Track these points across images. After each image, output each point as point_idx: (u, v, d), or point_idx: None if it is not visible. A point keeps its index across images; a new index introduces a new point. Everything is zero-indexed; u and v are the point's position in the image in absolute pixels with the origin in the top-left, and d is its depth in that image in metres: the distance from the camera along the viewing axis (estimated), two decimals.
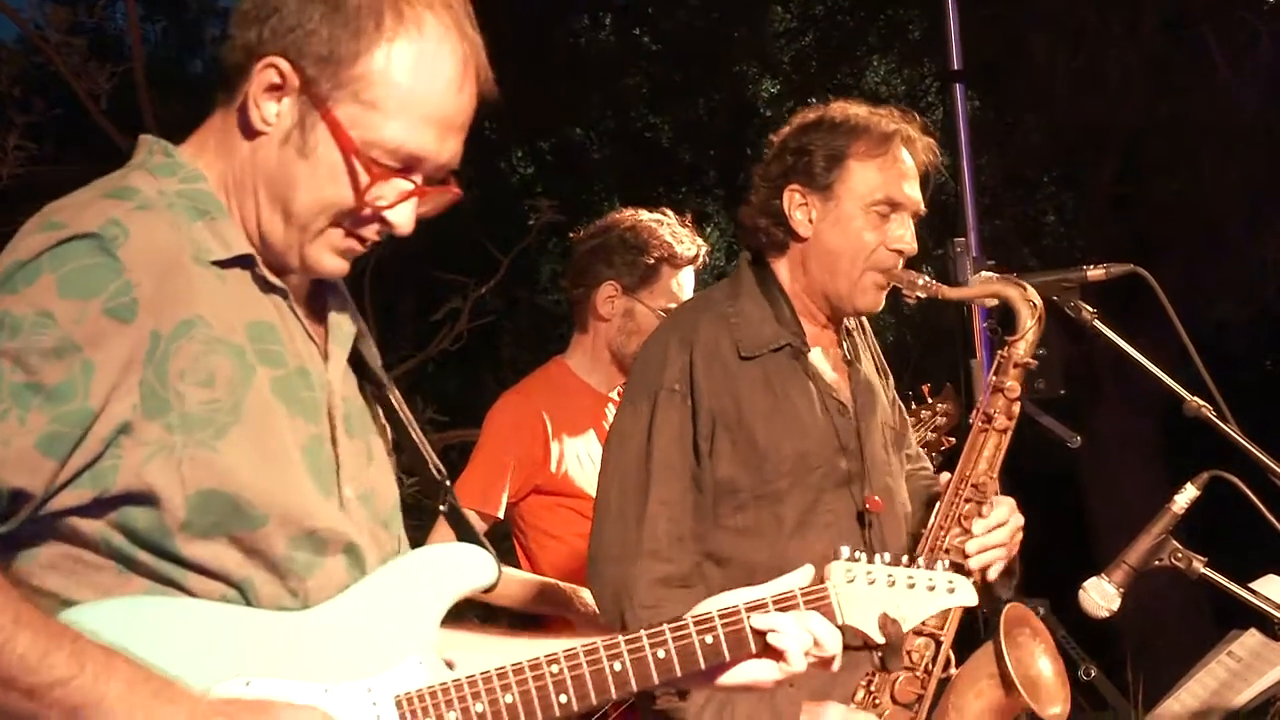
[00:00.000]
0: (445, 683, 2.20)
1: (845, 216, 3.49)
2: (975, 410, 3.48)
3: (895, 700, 3.32)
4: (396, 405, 2.37)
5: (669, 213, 4.60)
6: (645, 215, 4.55)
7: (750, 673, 2.38)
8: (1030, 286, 3.43)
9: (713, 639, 2.33)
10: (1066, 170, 12.51)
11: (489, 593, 2.35)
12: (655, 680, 2.30)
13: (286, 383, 2.19)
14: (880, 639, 2.42)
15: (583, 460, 4.44)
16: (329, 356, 2.28)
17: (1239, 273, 11.04)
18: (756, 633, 2.35)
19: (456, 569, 2.30)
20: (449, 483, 2.40)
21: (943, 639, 3.37)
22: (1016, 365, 3.43)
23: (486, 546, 2.32)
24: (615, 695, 2.30)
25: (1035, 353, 3.44)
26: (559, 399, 4.47)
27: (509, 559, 4.50)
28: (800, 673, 2.38)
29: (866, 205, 3.48)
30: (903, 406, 3.85)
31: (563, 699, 2.24)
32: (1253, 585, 2.97)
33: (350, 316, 2.34)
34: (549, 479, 4.40)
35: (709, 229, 12.68)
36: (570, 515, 4.41)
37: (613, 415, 4.48)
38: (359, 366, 2.35)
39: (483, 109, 2.21)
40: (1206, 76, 10.16)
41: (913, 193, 3.52)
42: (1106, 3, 10.51)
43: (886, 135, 3.51)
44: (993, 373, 3.46)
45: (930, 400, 4.41)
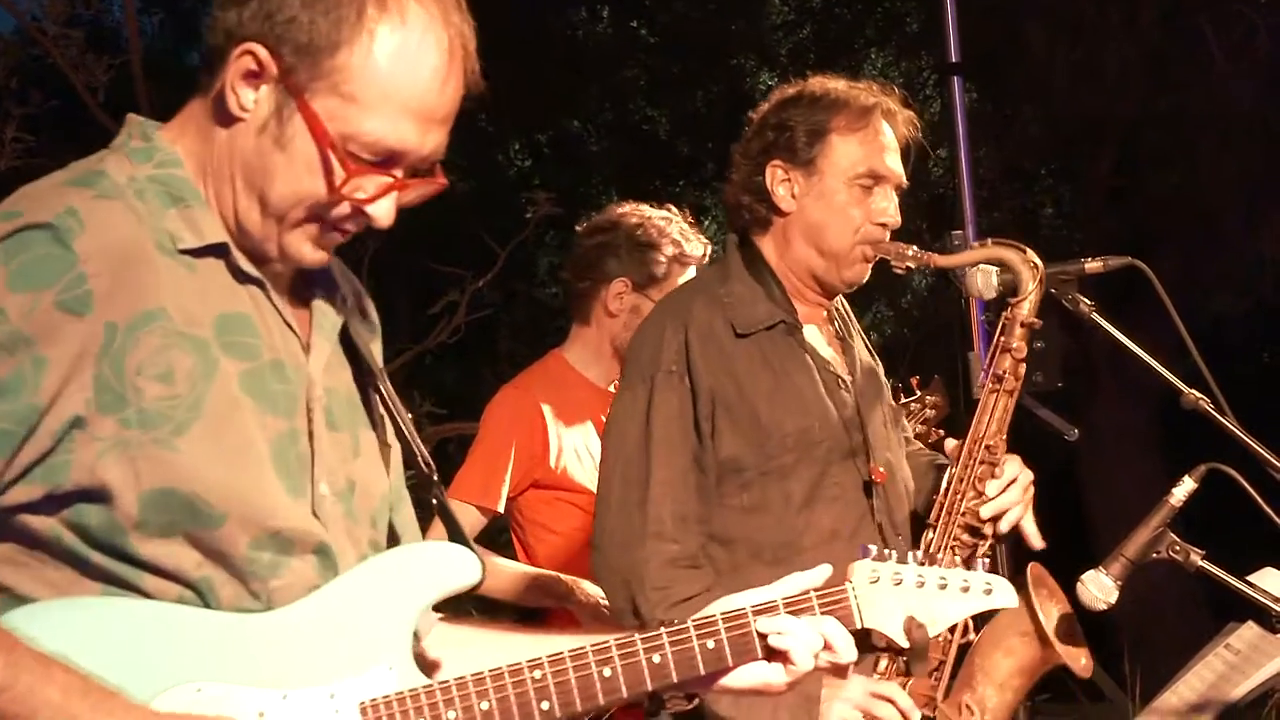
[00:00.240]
0: (416, 689, 2.11)
1: (828, 191, 3.50)
2: (983, 373, 3.49)
3: None
4: (386, 396, 2.28)
5: (673, 209, 4.60)
6: (653, 212, 4.55)
7: (757, 676, 2.29)
8: (1029, 249, 3.45)
9: (715, 643, 2.24)
10: (1064, 163, 12.50)
11: (477, 590, 2.25)
12: (649, 686, 2.21)
13: (258, 376, 2.11)
14: (904, 643, 2.32)
15: (581, 454, 4.43)
16: (311, 348, 2.19)
17: (1236, 265, 11.04)
18: (762, 636, 2.26)
19: (436, 569, 2.19)
20: (437, 477, 2.31)
21: None
22: (1022, 325, 3.45)
23: (471, 545, 2.22)
24: (603, 702, 2.19)
25: (1039, 313, 3.45)
26: (557, 393, 4.47)
27: (507, 553, 4.50)
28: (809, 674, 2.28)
29: (849, 179, 3.49)
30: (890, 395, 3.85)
31: (544, 706, 2.14)
32: (1250, 578, 2.96)
33: (338, 305, 2.26)
34: (548, 473, 4.39)
35: (706, 221, 12.65)
36: (569, 509, 4.41)
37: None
38: (353, 356, 2.27)
39: (479, 101, 2.14)
40: (1204, 70, 10.14)
41: (895, 165, 3.53)
42: None
43: (867, 108, 3.52)
44: (999, 334, 3.48)
45: (919, 393, 4.42)
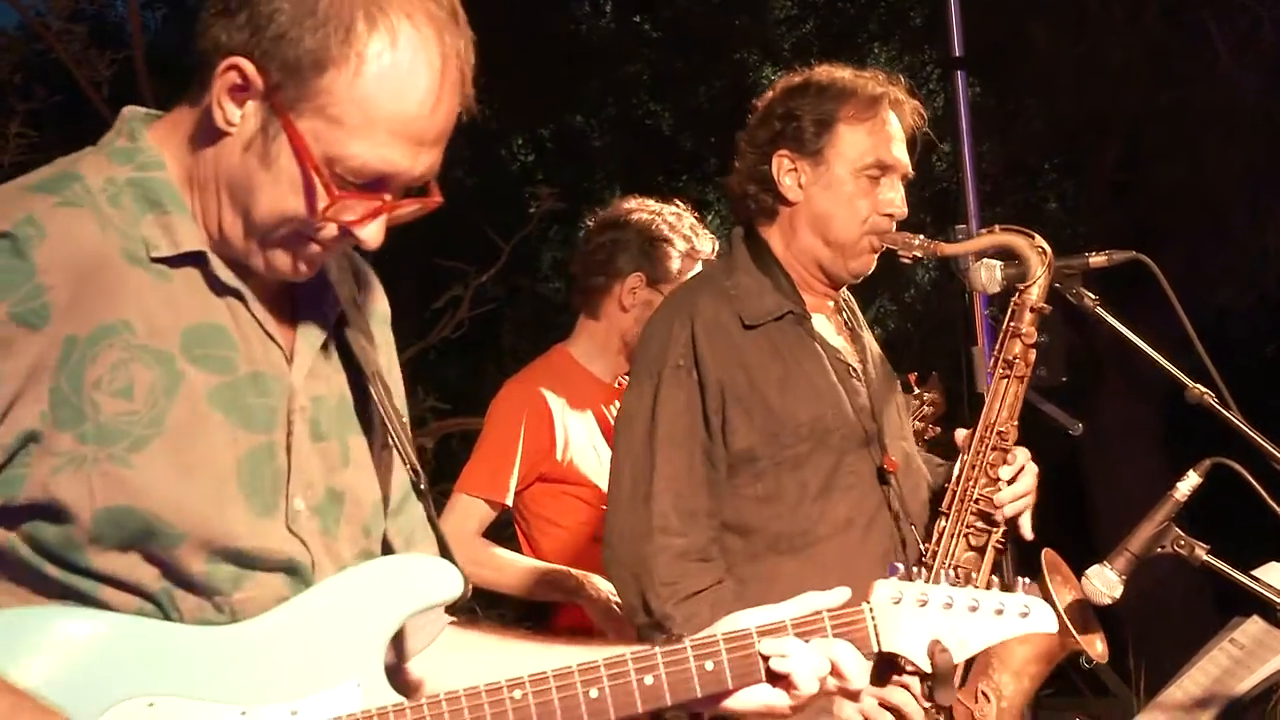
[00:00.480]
0: (385, 708, 2.03)
1: (836, 181, 3.50)
2: (993, 358, 3.48)
3: None
4: (378, 401, 2.19)
5: (681, 205, 4.61)
6: (664, 208, 4.56)
7: (760, 699, 2.19)
8: (1036, 235, 3.45)
9: (714, 665, 2.14)
10: (1068, 157, 12.48)
11: (459, 603, 2.17)
12: (639, 709, 2.11)
13: (232, 390, 2.05)
14: (927, 667, 2.21)
15: (586, 448, 4.44)
16: (294, 357, 2.13)
17: (1240, 259, 11.02)
18: (765, 658, 2.16)
19: (414, 583, 2.10)
20: (425, 487, 2.23)
21: None
22: (1032, 310, 3.45)
23: (453, 558, 2.16)
24: None
25: (1054, 285, 3.45)
26: (563, 387, 4.47)
27: (512, 547, 4.50)
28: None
29: (857, 169, 3.49)
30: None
31: None
32: (1255, 572, 2.96)
33: (329, 308, 2.19)
34: (554, 467, 4.39)
35: (710, 216, 12.65)
36: (575, 503, 4.41)
37: (617, 404, 4.49)
38: (350, 359, 2.20)
39: (483, 96, 2.12)
40: (1208, 63, 10.12)
41: (901, 155, 3.53)
42: None
43: (875, 98, 3.52)
44: (1008, 319, 3.47)
45: (917, 389, 4.42)
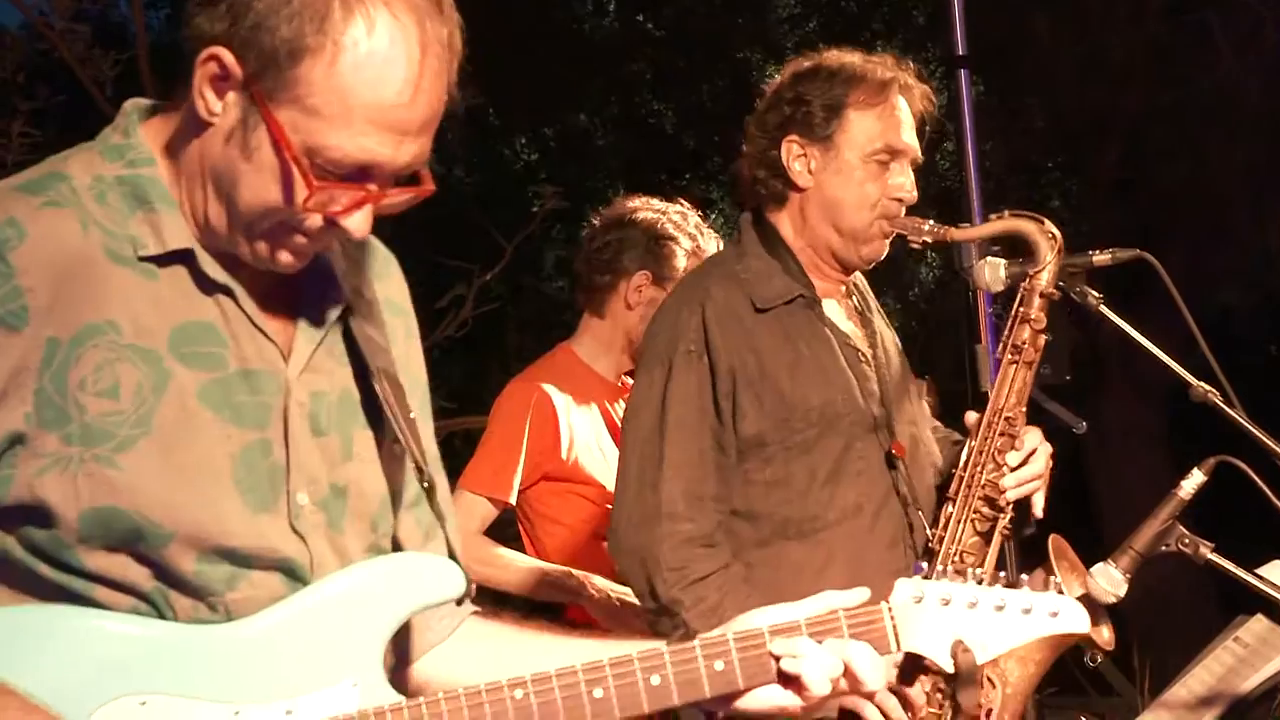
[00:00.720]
0: (381, 707, 2.00)
1: (846, 166, 3.49)
2: (1002, 344, 3.48)
3: None
4: (381, 397, 2.15)
5: (688, 207, 4.62)
6: (668, 206, 4.58)
7: (772, 699, 2.14)
8: (1046, 220, 3.44)
9: (724, 664, 2.09)
10: (1071, 156, 12.48)
11: (461, 602, 2.15)
12: (645, 709, 2.06)
13: (222, 387, 2.03)
14: (949, 668, 2.15)
15: (591, 447, 4.44)
16: (291, 353, 2.10)
17: (1243, 258, 11.01)
18: (777, 658, 2.11)
19: (414, 581, 2.07)
20: (429, 485, 2.19)
21: (983, 578, 3.36)
22: (1041, 295, 3.44)
23: (457, 558, 2.14)
24: None
25: (1057, 285, 3.44)
26: (568, 385, 4.47)
27: (514, 547, 4.50)
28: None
29: (867, 155, 3.49)
30: None
31: None
32: (1260, 571, 2.96)
33: (331, 302, 2.15)
34: (559, 465, 4.39)
35: (713, 215, 12.66)
36: (579, 502, 4.41)
37: (621, 403, 4.49)
38: (355, 353, 2.17)
39: (486, 95, 2.08)
40: (1210, 62, 10.12)
41: (911, 140, 3.53)
42: None
43: (884, 83, 3.52)
44: (1018, 304, 3.46)
45: None
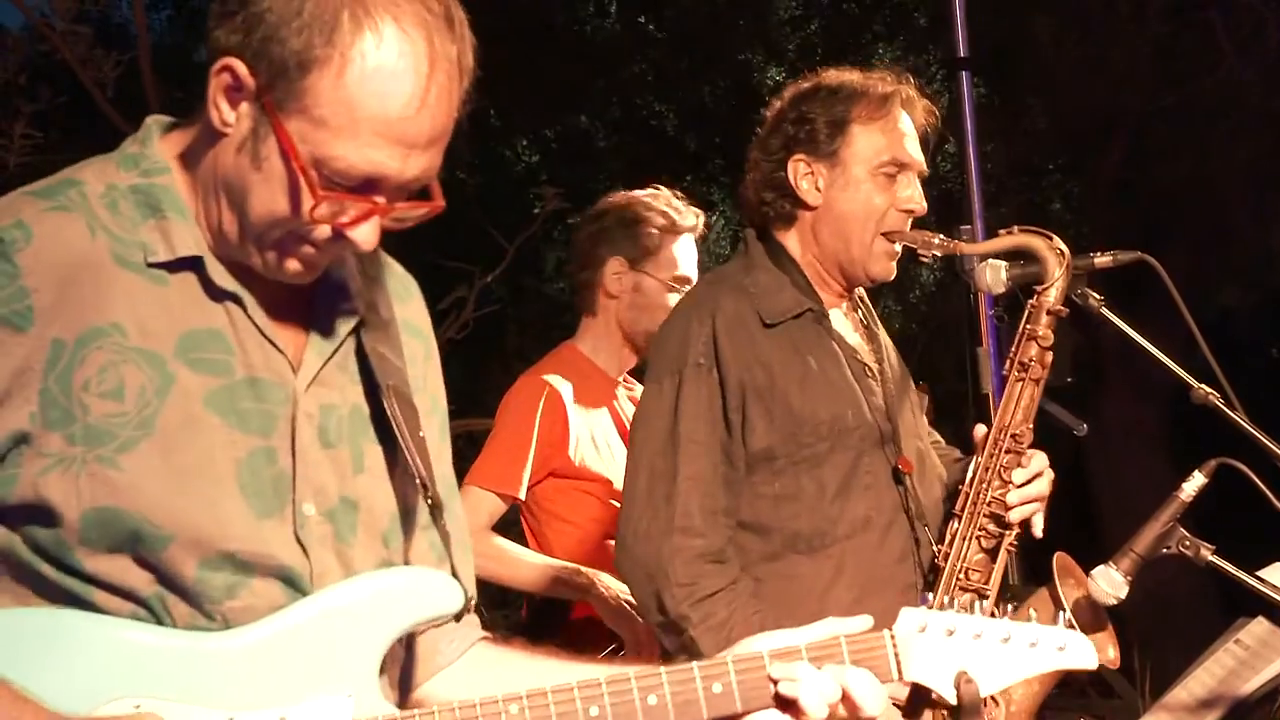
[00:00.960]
0: (375, 718, 2.02)
1: (854, 181, 3.51)
2: (1009, 361, 3.47)
3: None
4: (388, 412, 2.16)
5: (662, 188, 4.62)
6: (641, 192, 4.58)
7: None
8: (1055, 236, 3.43)
9: (722, 687, 2.10)
10: (1072, 157, 12.47)
11: (459, 618, 2.15)
12: None
13: (228, 393, 2.05)
14: (952, 700, 2.14)
15: (598, 444, 4.44)
16: (301, 365, 2.12)
17: (1245, 259, 11.02)
18: (774, 682, 2.12)
19: (413, 595, 2.09)
20: (433, 501, 2.19)
21: (988, 593, 3.36)
22: (1049, 313, 3.44)
23: (458, 573, 2.15)
24: None
25: (1065, 301, 3.43)
26: (576, 381, 4.48)
27: (519, 542, 4.49)
28: None
29: (874, 169, 3.50)
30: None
31: None
32: (1260, 573, 2.96)
33: (343, 315, 2.17)
34: (566, 463, 4.39)
35: (714, 216, 12.66)
36: (585, 499, 4.41)
37: (622, 399, 4.49)
38: (367, 367, 2.18)
39: (487, 96, 2.09)
40: (1213, 63, 10.12)
41: (916, 152, 3.55)
42: None
43: (886, 96, 3.53)
44: (1024, 321, 3.46)
45: None
